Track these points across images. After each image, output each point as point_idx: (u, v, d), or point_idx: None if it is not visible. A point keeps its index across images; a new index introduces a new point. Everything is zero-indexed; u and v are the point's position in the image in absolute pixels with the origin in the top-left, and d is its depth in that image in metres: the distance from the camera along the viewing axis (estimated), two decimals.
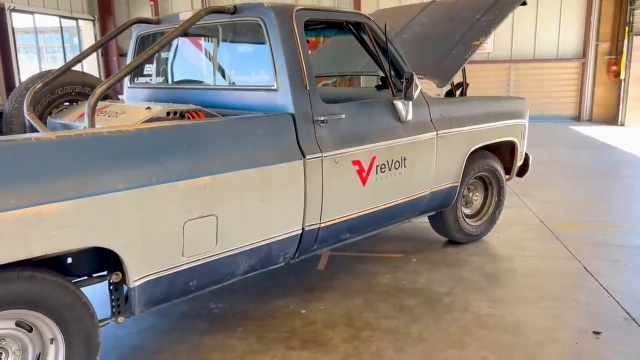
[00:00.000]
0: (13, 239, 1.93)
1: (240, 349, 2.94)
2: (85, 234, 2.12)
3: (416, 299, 3.51)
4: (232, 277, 2.84)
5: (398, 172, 3.43)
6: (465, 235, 4.44)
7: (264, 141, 2.80)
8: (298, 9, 3.01)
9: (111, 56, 14.77)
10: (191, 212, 2.47)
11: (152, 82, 4.08)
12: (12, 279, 2.02)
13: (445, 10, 4.87)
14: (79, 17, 14.44)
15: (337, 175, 3.07)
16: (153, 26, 3.80)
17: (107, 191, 2.16)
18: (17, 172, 1.97)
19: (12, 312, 2.08)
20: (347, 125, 3.15)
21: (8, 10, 11.54)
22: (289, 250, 3.03)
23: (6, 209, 1.90)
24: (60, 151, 2.09)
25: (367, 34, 3.43)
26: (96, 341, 2.33)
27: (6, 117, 3.49)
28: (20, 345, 2.19)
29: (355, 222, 3.30)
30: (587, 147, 9.59)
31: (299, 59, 2.96)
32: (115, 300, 2.54)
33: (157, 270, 2.41)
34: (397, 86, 3.49)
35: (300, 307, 3.42)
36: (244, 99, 3.23)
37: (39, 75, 3.53)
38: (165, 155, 2.40)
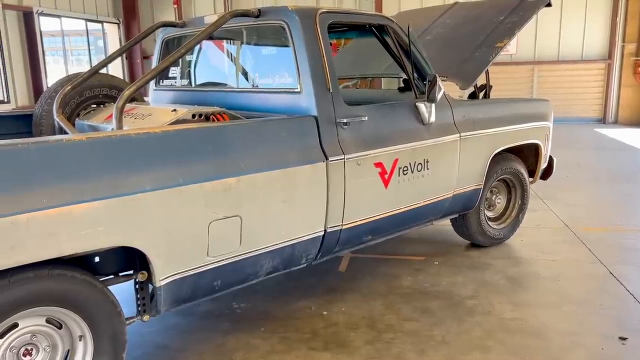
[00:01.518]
0: (45, 237, 1.98)
1: (263, 349, 2.96)
2: (114, 233, 2.17)
3: (438, 302, 3.50)
4: (255, 278, 2.87)
5: (420, 175, 3.43)
6: (488, 239, 4.41)
7: (287, 143, 2.83)
8: (322, 12, 3.03)
9: (135, 59, 14.99)
10: (216, 213, 2.50)
11: (176, 84, 4.14)
12: (44, 277, 2.07)
13: (468, 12, 4.84)
14: (104, 20, 14.70)
15: (360, 177, 3.08)
16: (178, 29, 3.86)
17: (136, 192, 2.21)
18: (49, 172, 2.03)
19: (43, 309, 2.14)
20: (369, 128, 3.16)
21: (36, 14, 11.80)
22: (311, 251, 3.05)
23: (39, 209, 1.95)
24: (90, 152, 2.14)
25: (390, 36, 3.44)
26: (123, 339, 2.38)
27: (36, 119, 3.58)
28: (50, 342, 2.24)
29: (377, 224, 3.30)
30: (612, 150, 9.43)
31: (322, 62, 2.98)
32: (140, 299, 2.58)
33: (183, 269, 2.45)
34: (420, 88, 3.49)
35: (321, 309, 3.43)
36: (267, 102, 3.26)
37: (68, 78, 3.61)
38: (192, 157, 2.44)
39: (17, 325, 2.11)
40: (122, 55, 5.47)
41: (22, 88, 11.69)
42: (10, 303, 2.02)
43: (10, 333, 2.10)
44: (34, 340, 2.19)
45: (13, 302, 2.02)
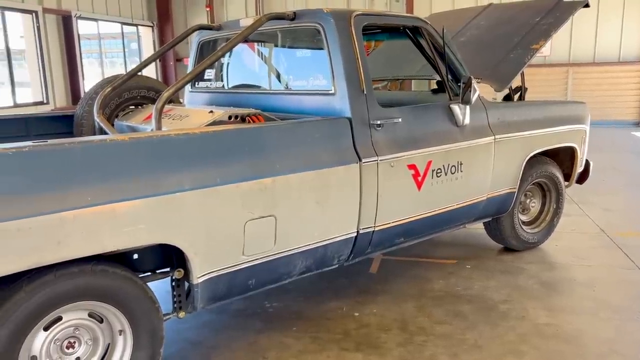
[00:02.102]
0: (89, 234, 2.05)
1: (296, 348, 2.99)
2: (154, 231, 2.23)
3: (471, 306, 3.47)
4: (288, 277, 2.90)
5: (454, 177, 3.41)
6: (522, 243, 4.35)
7: (321, 144, 2.85)
8: (357, 14, 3.05)
9: (168, 61, 15.27)
10: (252, 213, 2.54)
11: (211, 86, 4.21)
12: (88, 272, 2.14)
13: (503, 13, 4.79)
14: (139, 23, 15.02)
15: (393, 179, 3.09)
16: (214, 32, 3.93)
17: (175, 191, 2.26)
18: (93, 171, 2.10)
19: (85, 304, 2.21)
20: (403, 129, 3.16)
21: (74, 18, 12.14)
22: (344, 252, 3.07)
23: (84, 206, 2.02)
24: (132, 152, 2.21)
25: (424, 38, 3.43)
26: (160, 334, 2.44)
27: (77, 120, 3.69)
28: (92, 336, 2.31)
29: (409, 227, 3.30)
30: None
31: (356, 64, 2.99)
32: (177, 296, 2.64)
33: (219, 268, 2.50)
34: (454, 90, 3.48)
35: (353, 310, 3.44)
36: (301, 103, 3.29)
37: (108, 80, 3.71)
38: (229, 157, 2.49)
39: (61, 318, 2.19)
40: (160, 57, 5.59)
41: (61, 90, 12.03)
42: (56, 297, 2.09)
43: (55, 326, 2.18)
44: (76, 334, 2.26)
45: (58, 296, 2.10)
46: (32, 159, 1.97)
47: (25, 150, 1.96)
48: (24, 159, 1.96)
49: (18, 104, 10.86)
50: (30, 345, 2.12)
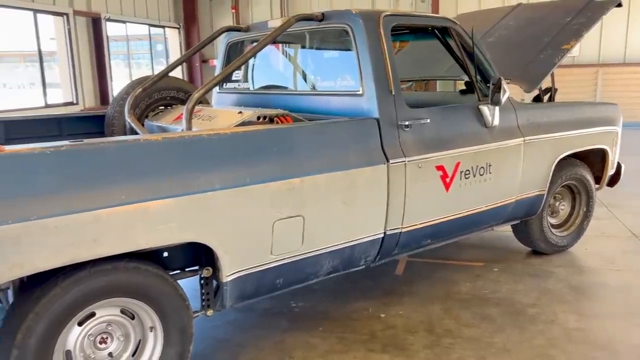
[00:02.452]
0: (123, 232, 2.09)
1: (322, 349, 3.00)
2: (185, 229, 2.26)
3: (499, 309, 3.43)
4: (315, 277, 2.91)
5: (483, 179, 3.38)
6: (550, 246, 4.28)
7: (348, 145, 2.85)
8: (385, 15, 3.05)
9: (194, 62, 15.44)
10: (280, 212, 2.56)
11: (239, 87, 4.25)
12: (121, 269, 2.18)
13: (532, 13, 4.73)
14: (166, 25, 15.23)
15: (420, 180, 3.07)
16: (242, 34, 3.96)
17: (206, 190, 2.29)
18: (126, 170, 2.14)
19: (118, 300, 2.25)
20: (431, 130, 3.14)
21: (104, 20, 12.37)
22: (370, 253, 3.06)
23: (118, 204, 2.06)
24: (165, 152, 2.24)
25: (453, 39, 3.41)
26: (190, 332, 2.47)
27: (108, 120, 3.76)
28: (123, 332, 2.36)
29: (437, 228, 3.28)
30: None
31: (385, 65, 2.99)
32: (205, 294, 2.68)
33: (248, 267, 2.52)
34: (483, 91, 3.44)
35: (379, 311, 3.43)
36: (329, 104, 3.30)
37: (138, 80, 3.76)
38: (258, 158, 2.51)
39: (94, 314, 2.23)
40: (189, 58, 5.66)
41: (89, 90, 12.27)
42: (90, 293, 2.14)
43: (89, 321, 2.23)
44: (109, 329, 2.31)
45: (92, 292, 2.15)
46: (69, 158, 2.02)
47: (62, 149, 2.01)
48: (62, 158, 2.01)
49: (49, 104, 11.11)
50: (65, 339, 2.17)
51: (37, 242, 1.92)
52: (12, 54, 15.44)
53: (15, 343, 2.01)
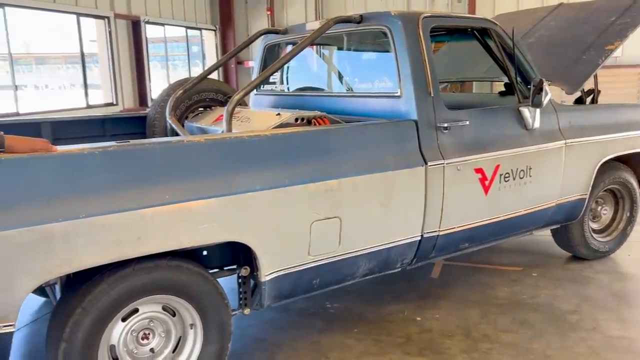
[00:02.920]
0: (167, 230, 2.15)
1: (357, 350, 3.00)
2: (226, 229, 2.30)
3: (538, 315, 3.37)
4: (351, 279, 2.92)
5: (522, 182, 3.32)
6: (592, 252, 4.18)
7: (386, 147, 2.85)
8: (425, 16, 3.03)
9: (229, 64, 15.63)
10: (318, 213, 2.58)
11: (276, 89, 4.29)
12: (163, 267, 2.24)
13: (574, 13, 4.62)
14: (202, 27, 15.48)
15: (459, 183, 3.05)
16: (280, 36, 4.00)
17: (246, 190, 2.33)
18: (171, 170, 2.19)
19: (160, 297, 2.31)
20: (470, 132, 3.11)
21: (143, 23, 12.66)
22: (407, 256, 3.05)
23: (162, 204, 2.12)
24: (207, 153, 2.29)
25: (492, 40, 3.37)
26: (229, 330, 2.52)
27: (150, 121, 3.85)
28: (165, 328, 2.41)
29: (475, 232, 3.24)
30: None
31: (423, 66, 2.98)
32: (242, 293, 2.72)
33: (286, 266, 2.55)
34: (524, 92, 3.39)
35: (414, 314, 3.42)
36: (366, 106, 3.30)
37: (179, 82, 3.85)
38: (297, 159, 2.53)
39: (137, 310, 2.30)
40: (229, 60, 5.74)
41: (129, 91, 12.57)
42: (133, 290, 2.20)
43: (132, 317, 2.29)
44: (151, 326, 2.37)
45: (135, 289, 2.21)
46: (117, 159, 2.09)
47: (110, 150, 2.07)
48: (109, 158, 2.07)
49: (90, 105, 11.43)
50: (109, 334, 2.24)
51: (85, 240, 1.99)
52: (53, 55, 15.92)
53: (64, 336, 2.08)
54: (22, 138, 1.99)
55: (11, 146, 1.92)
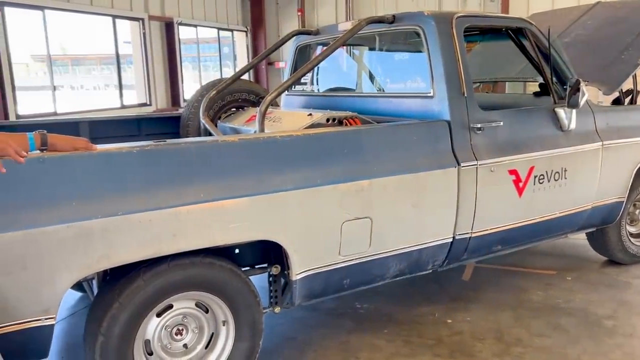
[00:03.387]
0: (201, 228, 2.18)
1: (387, 351, 2.99)
2: (258, 228, 2.33)
3: (572, 319, 3.30)
4: (382, 279, 2.91)
5: (558, 184, 3.26)
6: (629, 256, 4.07)
7: (418, 147, 2.84)
8: (458, 16, 3.01)
9: (260, 64, 15.74)
10: (349, 213, 2.58)
11: (306, 89, 4.32)
12: (197, 264, 2.28)
13: (612, 12, 4.51)
14: (234, 28, 15.64)
15: (492, 185, 3.01)
16: (311, 37, 4.01)
17: (278, 190, 2.35)
18: (205, 169, 2.23)
19: (193, 294, 2.35)
20: (504, 133, 3.07)
21: (176, 24, 12.87)
22: (439, 257, 3.03)
23: (197, 202, 2.16)
24: (241, 152, 2.32)
25: (528, 39, 3.31)
26: (260, 327, 2.55)
27: (184, 121, 3.92)
28: (198, 324, 2.46)
29: (508, 234, 3.20)
30: None
31: (457, 66, 2.95)
32: (273, 292, 2.74)
33: (317, 266, 2.56)
34: (559, 93, 3.33)
35: (445, 316, 3.39)
36: (398, 106, 3.29)
37: (213, 83, 3.91)
38: (328, 159, 2.55)
39: (172, 306, 2.34)
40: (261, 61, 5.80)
41: (162, 92, 12.79)
42: (168, 286, 2.25)
43: (166, 313, 2.34)
44: (184, 322, 2.42)
45: (170, 285, 2.25)
46: (154, 158, 2.14)
47: (147, 149, 2.12)
48: (147, 157, 2.12)
49: (125, 105, 11.68)
50: (145, 329, 2.29)
51: (122, 237, 2.04)
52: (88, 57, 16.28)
53: (101, 330, 2.14)
54: (64, 137, 2.05)
55: (54, 144, 1.99)
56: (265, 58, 15.37)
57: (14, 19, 9.41)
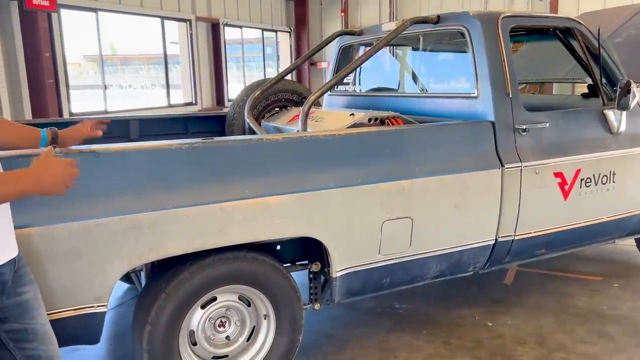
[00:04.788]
0: (245, 224, 2.25)
1: (426, 351, 2.99)
2: (300, 224, 2.38)
3: (619, 327, 3.21)
4: (421, 280, 2.91)
5: (605, 188, 3.18)
6: None
7: (461, 148, 2.82)
8: (504, 16, 2.97)
9: (302, 65, 15.86)
10: (389, 213, 2.60)
11: (349, 90, 4.34)
12: (241, 259, 2.34)
13: None
14: (278, 29, 15.83)
15: (537, 187, 2.96)
16: (355, 37, 4.04)
17: (320, 188, 2.39)
18: (250, 167, 2.29)
19: (236, 287, 2.42)
20: (550, 135, 3.02)
21: (222, 25, 13.13)
22: (480, 260, 3.00)
23: (242, 198, 2.22)
24: (284, 151, 2.38)
25: (576, 40, 3.25)
26: (300, 322, 2.59)
27: (229, 120, 4.02)
28: (240, 317, 2.53)
29: (552, 238, 3.14)
30: None
31: (502, 66, 2.92)
32: (313, 289, 2.79)
33: (357, 264, 2.59)
34: (609, 95, 3.24)
35: (485, 319, 3.35)
36: (440, 106, 3.27)
37: (257, 83, 3.98)
38: (370, 158, 2.57)
39: (215, 299, 2.42)
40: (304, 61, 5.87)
41: (207, 92, 13.08)
42: (213, 278, 2.32)
43: (210, 305, 2.41)
44: (227, 314, 2.49)
45: (215, 278, 2.33)
46: (202, 154, 2.21)
47: (196, 145, 2.20)
48: (195, 153, 2.20)
49: (171, 104, 12.00)
50: (189, 320, 2.37)
51: (170, 230, 2.12)
52: (136, 57, 16.76)
53: (149, 320, 2.23)
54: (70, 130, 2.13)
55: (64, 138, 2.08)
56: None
57: (69, 20, 9.82)
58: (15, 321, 1.59)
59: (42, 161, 1.51)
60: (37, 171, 1.49)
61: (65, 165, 1.53)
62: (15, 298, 1.59)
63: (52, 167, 1.51)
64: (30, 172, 1.49)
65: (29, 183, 1.47)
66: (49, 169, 1.50)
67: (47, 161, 1.51)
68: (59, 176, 1.51)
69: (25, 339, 1.61)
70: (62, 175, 1.52)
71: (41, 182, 1.48)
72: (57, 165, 1.52)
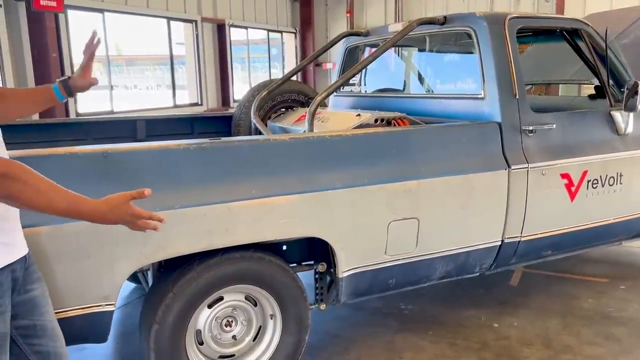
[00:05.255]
0: (252, 224, 2.26)
1: (432, 352, 2.99)
2: (307, 225, 2.39)
3: (625, 329, 3.20)
4: (427, 281, 2.91)
5: (612, 189, 3.17)
6: None
7: (468, 149, 2.82)
8: (511, 17, 2.97)
9: (308, 66, 15.90)
10: (396, 214, 2.60)
11: (354, 90, 4.35)
12: (247, 258, 2.35)
13: None
14: (283, 30, 15.86)
15: (543, 188, 2.96)
16: (361, 38, 4.04)
17: (327, 188, 2.40)
18: (257, 167, 2.30)
19: (243, 287, 2.43)
20: (557, 136, 3.01)
21: (227, 26, 13.17)
22: (486, 261, 3.00)
23: (249, 198, 2.23)
24: (291, 151, 2.38)
25: (583, 41, 3.24)
26: (306, 322, 2.60)
27: (235, 120, 4.03)
28: (246, 317, 2.53)
29: (559, 239, 3.14)
30: None
31: (509, 67, 2.92)
32: (319, 289, 2.79)
33: (363, 264, 2.59)
34: (616, 96, 3.24)
35: (491, 320, 3.35)
36: (447, 107, 3.28)
37: (264, 84, 3.99)
38: (376, 159, 2.57)
39: (222, 298, 2.43)
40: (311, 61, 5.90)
41: (213, 92, 13.12)
42: (220, 278, 2.33)
43: (217, 304, 2.42)
44: (234, 314, 2.50)
45: (222, 277, 2.33)
46: (209, 154, 2.22)
47: (204, 146, 2.21)
48: (203, 154, 2.21)
49: (177, 105, 12.04)
50: (196, 320, 2.38)
51: (178, 229, 2.13)
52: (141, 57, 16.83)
53: (156, 319, 2.24)
54: (77, 77, 2.09)
55: (75, 87, 2.05)
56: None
57: (75, 21, 9.88)
58: (24, 317, 1.60)
59: (115, 204, 1.50)
60: (105, 208, 1.49)
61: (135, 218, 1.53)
62: (25, 295, 1.60)
63: (122, 214, 1.51)
64: (100, 205, 1.49)
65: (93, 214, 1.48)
66: (114, 212, 1.50)
67: (120, 206, 1.51)
68: (123, 222, 1.53)
69: (34, 335, 1.62)
70: (128, 223, 1.54)
71: (106, 219, 1.50)
72: (126, 214, 1.52)
